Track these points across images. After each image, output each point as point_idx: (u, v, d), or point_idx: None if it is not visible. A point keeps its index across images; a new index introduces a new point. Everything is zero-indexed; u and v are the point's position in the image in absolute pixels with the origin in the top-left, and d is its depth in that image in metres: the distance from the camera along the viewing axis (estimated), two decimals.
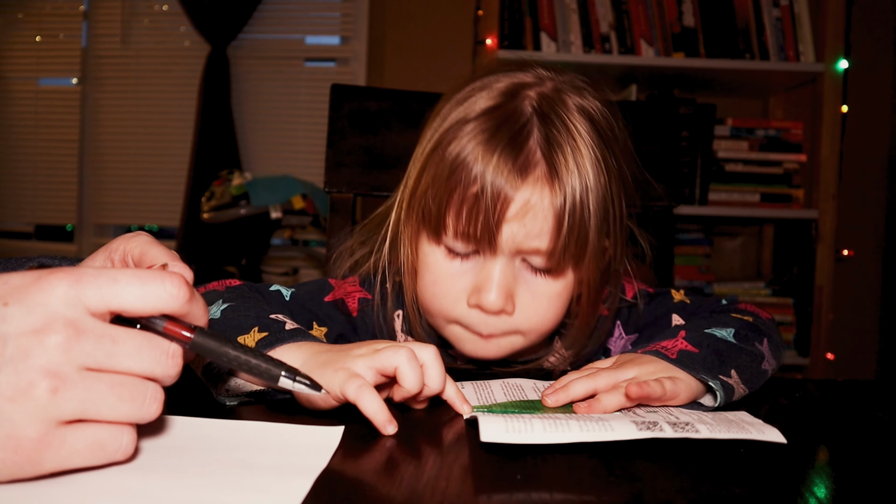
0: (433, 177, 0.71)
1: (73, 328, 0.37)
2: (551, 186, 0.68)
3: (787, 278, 2.46)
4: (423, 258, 0.74)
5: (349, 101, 1.15)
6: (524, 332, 0.73)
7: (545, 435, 0.46)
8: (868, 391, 0.75)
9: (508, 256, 0.69)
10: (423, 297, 0.75)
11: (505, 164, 0.67)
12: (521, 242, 0.68)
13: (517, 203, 0.67)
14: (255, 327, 0.61)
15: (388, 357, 0.54)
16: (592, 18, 2.28)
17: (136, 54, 3.10)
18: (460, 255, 0.71)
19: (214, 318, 0.64)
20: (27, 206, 3.20)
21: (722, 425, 0.50)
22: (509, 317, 0.70)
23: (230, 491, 0.39)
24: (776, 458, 0.49)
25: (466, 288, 0.71)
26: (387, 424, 0.50)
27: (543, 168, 0.68)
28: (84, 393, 0.37)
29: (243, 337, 0.60)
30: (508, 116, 0.70)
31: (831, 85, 2.23)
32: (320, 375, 0.52)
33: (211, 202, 2.42)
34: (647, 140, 1.19)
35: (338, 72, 3.05)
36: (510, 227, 0.67)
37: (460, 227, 0.68)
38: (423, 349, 0.55)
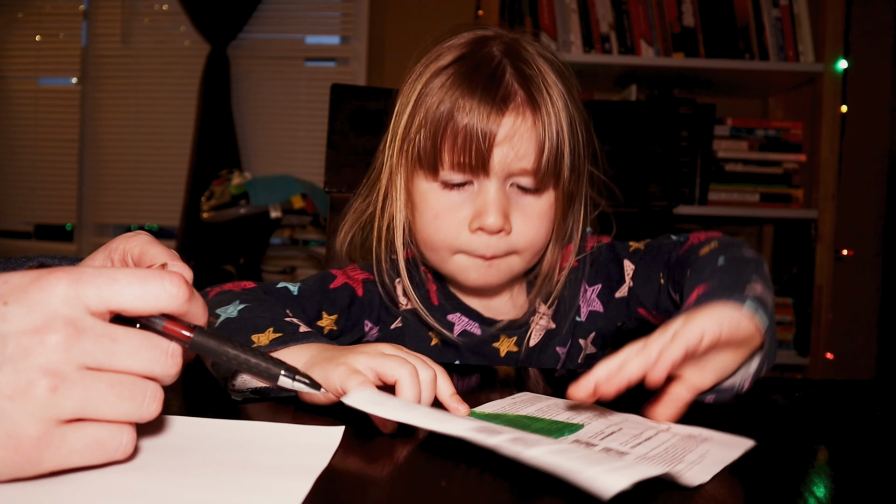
0: (422, 121, 0.79)
1: (73, 327, 0.37)
2: (532, 112, 0.77)
3: (787, 278, 2.47)
4: (421, 197, 0.81)
5: (349, 101, 1.16)
6: (521, 250, 0.80)
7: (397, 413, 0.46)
8: (866, 391, 0.75)
9: (500, 180, 0.77)
10: (426, 233, 0.81)
11: (489, 96, 0.76)
12: (510, 164, 0.76)
13: (504, 129, 0.76)
14: (271, 328, 0.63)
15: (392, 367, 0.54)
16: (592, 18, 2.28)
17: (135, 54, 3.10)
18: (456, 187, 0.79)
19: (231, 317, 0.67)
20: (27, 205, 3.20)
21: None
22: (507, 236, 0.78)
23: (230, 491, 0.39)
24: (775, 458, 0.49)
25: (467, 216, 0.78)
26: (386, 422, 0.50)
27: (522, 96, 0.78)
28: (84, 392, 0.37)
29: (258, 336, 0.62)
30: (482, 59, 0.80)
31: (831, 85, 2.23)
32: (323, 370, 0.54)
33: (211, 202, 2.42)
34: (647, 140, 1.20)
35: (338, 71, 3.05)
36: (500, 150, 0.76)
37: (455, 158, 0.76)
38: (425, 370, 0.55)
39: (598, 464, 0.38)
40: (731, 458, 0.48)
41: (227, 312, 0.68)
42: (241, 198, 2.37)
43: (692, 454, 0.49)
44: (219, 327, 0.66)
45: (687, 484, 0.42)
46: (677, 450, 0.50)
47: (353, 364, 0.54)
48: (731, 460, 0.47)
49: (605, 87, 2.54)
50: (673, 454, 0.49)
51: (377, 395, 0.51)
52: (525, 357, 0.88)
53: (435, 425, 0.45)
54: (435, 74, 0.80)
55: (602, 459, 0.40)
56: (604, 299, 0.91)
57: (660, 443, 0.51)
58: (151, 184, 3.11)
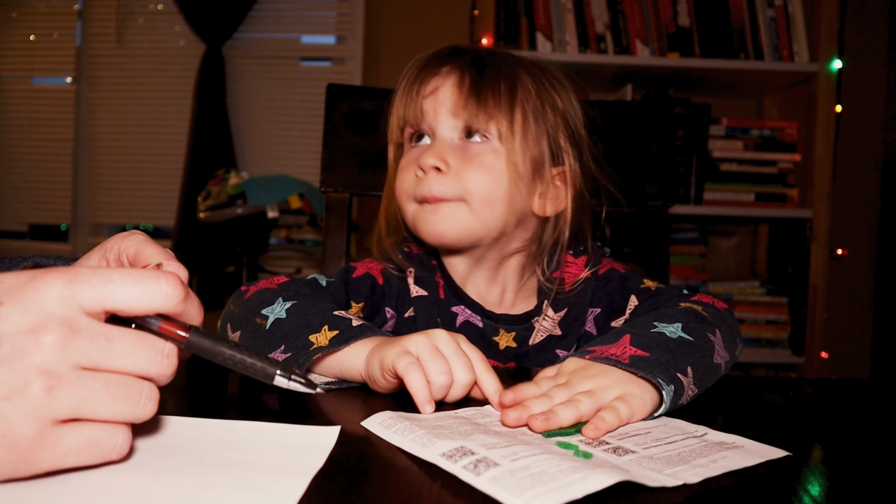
0: (392, 103, 0.89)
1: (69, 327, 0.37)
2: (458, 67, 0.84)
3: (782, 277, 2.47)
4: (395, 166, 0.90)
5: (345, 101, 1.15)
6: (465, 196, 0.82)
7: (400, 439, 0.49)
8: (862, 390, 0.76)
9: (444, 130, 0.84)
10: (396, 191, 0.87)
11: (429, 60, 0.86)
12: (437, 108, 0.83)
13: (431, 84, 0.84)
14: (325, 325, 0.66)
15: (433, 369, 0.58)
16: (588, 18, 2.28)
17: (130, 53, 3.10)
18: (414, 146, 0.87)
19: (281, 318, 0.69)
20: (21, 205, 3.19)
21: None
22: (446, 177, 0.81)
23: (226, 491, 0.39)
24: (773, 461, 0.49)
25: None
26: (426, 403, 0.55)
27: (467, 60, 0.85)
28: (79, 392, 0.37)
29: (315, 336, 0.65)
30: (444, 48, 0.88)
31: (825, 85, 2.23)
32: (381, 354, 0.60)
33: (207, 201, 2.42)
34: (642, 140, 1.20)
35: (333, 71, 3.05)
36: (428, 100, 0.84)
37: (398, 114, 0.87)
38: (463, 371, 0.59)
39: (531, 488, 0.40)
40: (744, 464, 0.47)
41: (274, 313, 0.70)
42: (238, 197, 2.36)
43: (705, 458, 0.48)
44: (270, 330, 0.68)
45: (658, 485, 0.42)
46: (692, 453, 0.49)
47: (406, 345, 0.59)
48: (741, 466, 0.47)
49: (600, 86, 2.55)
50: (683, 457, 0.48)
51: (392, 418, 0.53)
52: (523, 354, 0.88)
53: (415, 449, 0.47)
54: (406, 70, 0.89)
55: (546, 479, 0.41)
56: (599, 324, 0.91)
57: (680, 447, 0.51)
58: (147, 184, 3.10)
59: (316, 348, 0.63)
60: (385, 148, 1.10)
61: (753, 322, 2.39)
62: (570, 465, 0.43)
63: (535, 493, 0.39)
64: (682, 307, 0.74)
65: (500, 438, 0.49)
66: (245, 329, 0.72)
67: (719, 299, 0.82)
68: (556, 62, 2.24)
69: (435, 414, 0.57)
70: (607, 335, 0.67)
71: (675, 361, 0.62)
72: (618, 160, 1.19)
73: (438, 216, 0.82)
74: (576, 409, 0.55)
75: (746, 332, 2.38)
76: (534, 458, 0.44)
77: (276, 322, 0.69)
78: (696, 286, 2.43)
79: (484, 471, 0.42)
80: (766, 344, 2.38)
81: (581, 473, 0.42)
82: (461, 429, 0.52)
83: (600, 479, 0.41)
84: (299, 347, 0.65)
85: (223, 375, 0.69)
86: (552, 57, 2.22)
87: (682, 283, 2.43)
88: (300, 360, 0.63)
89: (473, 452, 0.45)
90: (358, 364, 0.63)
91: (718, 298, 0.83)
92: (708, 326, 0.70)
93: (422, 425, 0.51)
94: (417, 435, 0.49)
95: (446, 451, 0.46)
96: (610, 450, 0.50)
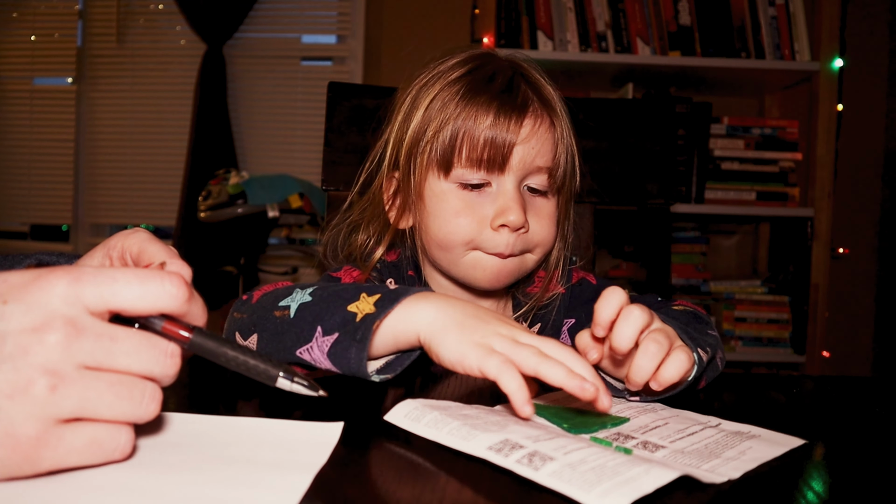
0: (439, 125, 0.81)
1: (73, 326, 0.37)
2: (547, 116, 0.83)
3: (783, 276, 2.47)
4: (438, 197, 0.82)
5: (346, 99, 1.15)
6: (533, 248, 0.84)
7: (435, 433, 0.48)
8: (865, 387, 0.76)
9: (517, 181, 0.81)
10: (445, 230, 0.82)
11: (510, 101, 0.80)
12: (530, 162, 0.80)
13: (525, 129, 0.80)
14: (363, 293, 0.61)
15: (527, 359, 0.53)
16: (589, 17, 2.28)
17: (131, 53, 3.10)
18: (475, 189, 0.81)
19: (307, 302, 0.64)
20: (22, 206, 3.19)
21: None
22: (525, 234, 0.81)
23: (229, 487, 0.39)
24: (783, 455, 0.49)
25: (488, 215, 0.80)
26: (524, 405, 0.50)
27: (537, 103, 0.83)
28: (83, 391, 0.37)
29: (355, 304, 0.60)
30: (496, 70, 0.84)
31: (826, 83, 2.23)
32: (459, 343, 0.55)
33: (208, 201, 2.42)
34: (643, 138, 1.20)
35: (334, 70, 3.05)
36: (519, 149, 0.80)
37: (475, 155, 0.79)
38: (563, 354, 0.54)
39: (599, 483, 0.39)
40: (771, 455, 0.48)
41: (297, 300, 0.65)
42: (239, 197, 2.36)
43: (732, 450, 0.49)
44: (296, 317, 0.63)
45: (710, 482, 0.42)
46: (717, 445, 0.50)
47: (490, 344, 0.54)
48: (770, 457, 0.47)
49: (601, 85, 2.55)
50: (712, 450, 0.49)
51: (417, 408, 0.51)
52: None
53: (456, 443, 0.46)
54: (449, 85, 0.83)
55: (610, 474, 0.40)
56: (573, 334, 0.89)
57: (702, 438, 0.51)
58: (148, 184, 3.10)
59: (363, 317, 0.59)
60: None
61: (755, 321, 2.38)
62: (623, 460, 0.43)
63: (606, 488, 0.38)
64: (675, 308, 0.75)
65: (538, 430, 0.48)
66: (262, 328, 0.66)
67: (719, 297, 0.83)
68: (557, 61, 2.26)
69: (455, 403, 0.56)
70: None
71: (692, 341, 0.63)
72: (619, 159, 1.19)
73: (506, 268, 0.82)
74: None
75: (747, 330, 2.38)
76: (583, 451, 0.44)
77: (302, 307, 0.64)
78: (697, 285, 2.43)
79: (541, 465, 0.41)
80: (768, 343, 2.38)
81: (640, 468, 0.41)
82: (492, 419, 0.51)
83: (663, 474, 0.40)
84: (342, 323, 0.60)
85: (225, 372, 0.69)
86: (553, 56, 2.22)
87: (684, 282, 2.43)
88: (357, 337, 0.58)
89: (522, 446, 0.44)
90: (416, 325, 0.58)
91: (720, 297, 0.84)
92: (706, 325, 0.72)
93: (450, 414, 0.50)
94: (454, 427, 0.48)
95: (492, 444, 0.44)
96: (640, 444, 0.50)
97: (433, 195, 0.83)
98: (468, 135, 0.80)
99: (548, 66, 0.91)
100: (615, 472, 0.40)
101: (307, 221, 2.49)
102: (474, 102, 0.80)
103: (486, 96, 0.80)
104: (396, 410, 0.51)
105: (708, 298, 2.42)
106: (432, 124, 0.82)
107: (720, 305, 2.40)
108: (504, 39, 2.25)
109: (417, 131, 0.84)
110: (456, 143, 0.80)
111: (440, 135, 0.81)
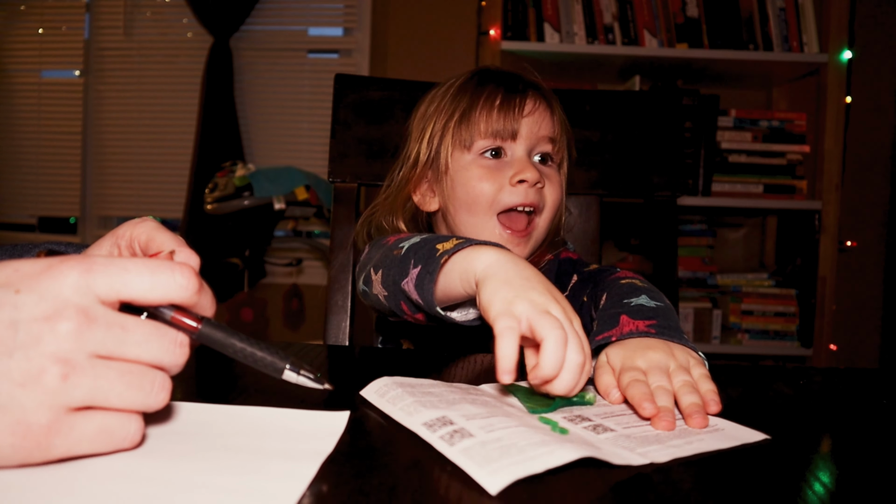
0: (463, 109, 0.96)
1: (84, 316, 0.38)
2: (544, 99, 0.98)
3: (791, 269, 2.46)
4: (464, 169, 0.95)
5: (353, 91, 1.15)
6: (547, 208, 0.95)
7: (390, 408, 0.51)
8: (872, 379, 0.76)
9: (527, 149, 0.95)
10: (471, 195, 0.94)
11: (513, 87, 0.96)
12: (536, 131, 0.95)
13: (528, 106, 0.95)
14: (453, 238, 0.71)
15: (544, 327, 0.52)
16: (596, 9, 2.27)
17: (138, 46, 3.10)
18: (491, 156, 0.95)
19: (415, 242, 0.77)
20: (30, 198, 3.21)
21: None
22: (542, 189, 0.94)
23: (236, 474, 0.39)
24: (781, 446, 0.49)
25: (507, 175, 0.93)
26: (504, 373, 0.50)
27: (534, 91, 0.98)
28: (94, 380, 0.38)
29: (442, 244, 0.71)
30: (499, 68, 1.03)
31: (835, 75, 2.22)
32: (494, 294, 0.57)
33: (214, 193, 2.42)
34: (650, 131, 1.19)
35: (341, 63, 3.05)
36: (526, 121, 0.95)
37: (490, 127, 0.94)
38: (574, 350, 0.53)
39: (497, 461, 0.40)
40: (717, 446, 0.48)
41: (410, 241, 0.78)
42: (245, 189, 2.37)
43: (680, 440, 0.49)
44: (405, 255, 0.75)
45: (624, 463, 0.43)
46: (669, 435, 0.50)
47: (513, 307, 0.54)
48: (715, 448, 0.47)
49: (608, 78, 2.54)
50: (658, 438, 0.49)
51: (386, 384, 0.54)
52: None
53: (401, 418, 0.50)
54: (462, 84, 0.99)
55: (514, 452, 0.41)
56: None
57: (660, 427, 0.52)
58: (155, 176, 3.11)
59: (442, 252, 0.68)
60: (394, 138, 1.11)
61: (762, 314, 2.38)
62: (540, 439, 0.43)
63: (499, 465, 0.40)
64: (629, 282, 0.81)
65: (483, 409, 0.50)
66: (385, 265, 0.79)
67: (726, 290, 0.86)
68: (563, 53, 2.25)
69: (430, 381, 0.57)
70: (601, 320, 0.71)
71: (676, 327, 0.68)
72: (626, 151, 1.19)
73: (520, 249, 0.93)
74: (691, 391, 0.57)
75: (754, 324, 2.37)
76: (508, 430, 0.45)
77: (410, 247, 0.76)
78: (703, 278, 2.42)
79: (458, 441, 0.43)
80: (775, 336, 2.37)
81: (548, 448, 0.42)
82: (449, 397, 0.52)
83: (564, 454, 0.41)
84: (427, 256, 0.71)
85: (232, 360, 0.69)
86: (560, 48, 2.21)
87: (691, 275, 2.43)
88: (430, 269, 0.69)
89: (452, 422, 0.46)
90: (475, 267, 0.63)
91: (727, 290, 0.87)
92: (658, 294, 0.76)
93: (412, 392, 0.53)
94: (406, 404, 0.51)
95: (427, 420, 0.47)
96: (590, 427, 0.50)
97: (459, 168, 0.96)
98: (485, 113, 0.94)
99: (554, 59, 0.96)
100: (520, 451, 0.41)
101: (313, 214, 2.49)
102: (485, 89, 0.96)
103: (493, 84, 0.97)
104: (370, 387, 0.56)
105: (715, 291, 2.41)
106: (452, 113, 0.96)
107: (727, 298, 2.40)
108: (511, 32, 2.24)
109: (439, 122, 0.98)
110: (475, 121, 0.95)
111: (460, 118, 0.96)
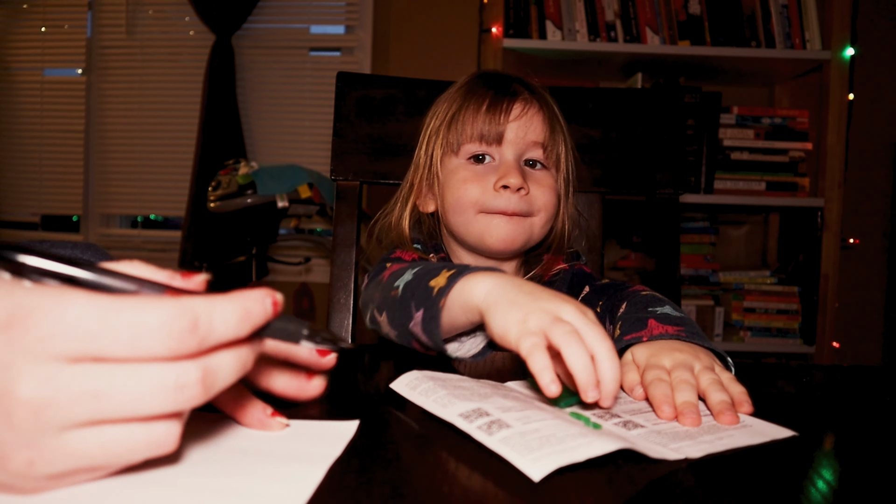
0: (452, 113, 0.97)
1: None
2: (536, 101, 0.97)
3: (793, 267, 2.46)
4: (451, 172, 0.97)
5: (355, 89, 1.16)
6: (536, 212, 0.94)
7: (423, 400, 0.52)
8: (875, 376, 0.76)
9: (515, 154, 0.95)
10: (456, 196, 0.95)
11: (502, 90, 0.96)
12: (523, 137, 0.94)
13: (515, 111, 0.95)
14: (444, 270, 0.70)
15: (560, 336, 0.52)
16: (598, 6, 2.27)
17: (140, 44, 3.10)
18: (479, 162, 0.95)
19: (407, 282, 0.74)
20: (33, 196, 3.21)
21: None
22: (526, 196, 0.93)
23: (243, 477, 0.39)
24: (785, 443, 0.49)
25: (491, 180, 0.93)
26: (550, 384, 0.49)
27: (526, 93, 0.97)
28: None
29: (435, 280, 0.69)
30: (492, 71, 1.03)
31: (837, 73, 2.22)
32: (504, 319, 0.57)
33: (217, 191, 2.43)
34: (652, 128, 1.19)
35: (342, 61, 3.05)
36: (513, 125, 0.94)
37: (476, 131, 0.94)
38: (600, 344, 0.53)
39: (538, 450, 0.41)
40: (748, 442, 0.48)
41: (403, 280, 0.76)
42: (248, 187, 2.37)
43: (711, 435, 0.49)
44: (402, 296, 0.73)
45: (660, 457, 0.43)
46: (699, 431, 0.50)
47: (528, 324, 0.55)
48: (746, 444, 0.47)
49: (610, 75, 2.53)
50: (688, 434, 0.49)
51: (417, 378, 0.56)
52: None
53: (436, 409, 0.50)
54: (456, 90, 0.99)
55: (553, 442, 0.42)
56: None
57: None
58: (157, 174, 3.12)
59: (437, 292, 0.67)
60: (396, 136, 1.12)
61: (764, 311, 2.38)
62: (577, 431, 0.44)
63: (541, 454, 0.40)
64: (650, 293, 0.81)
65: (516, 402, 0.50)
66: (387, 307, 0.77)
67: (728, 287, 0.86)
68: (565, 51, 2.25)
69: (458, 376, 0.59)
70: (626, 323, 0.72)
71: (703, 336, 0.68)
72: (628, 149, 1.19)
73: (513, 227, 0.93)
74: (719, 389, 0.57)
75: (757, 321, 2.37)
76: (544, 422, 0.46)
77: (405, 287, 0.74)
78: (706, 275, 2.42)
79: (496, 431, 0.44)
80: (777, 333, 2.37)
81: (586, 439, 0.43)
82: (481, 391, 0.53)
83: (603, 445, 0.42)
84: (425, 298, 0.69)
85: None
86: (562, 46, 2.21)
87: (693, 273, 2.43)
88: (432, 313, 0.66)
89: (489, 414, 0.47)
90: (475, 297, 0.62)
91: (729, 287, 0.87)
92: (679, 308, 0.76)
93: (444, 385, 0.53)
94: (439, 396, 0.51)
95: (463, 411, 0.48)
96: (620, 423, 0.51)
97: (448, 171, 0.97)
98: (470, 117, 0.95)
99: (556, 56, 0.96)
100: (559, 441, 0.42)
101: (316, 212, 2.50)
102: (474, 93, 0.97)
103: (482, 89, 0.97)
104: (400, 379, 0.56)
105: (717, 289, 2.41)
106: (444, 117, 0.98)
107: (729, 296, 2.40)
108: (512, 29, 2.24)
109: (433, 126, 0.99)
110: (461, 125, 0.95)
111: (449, 122, 0.97)
